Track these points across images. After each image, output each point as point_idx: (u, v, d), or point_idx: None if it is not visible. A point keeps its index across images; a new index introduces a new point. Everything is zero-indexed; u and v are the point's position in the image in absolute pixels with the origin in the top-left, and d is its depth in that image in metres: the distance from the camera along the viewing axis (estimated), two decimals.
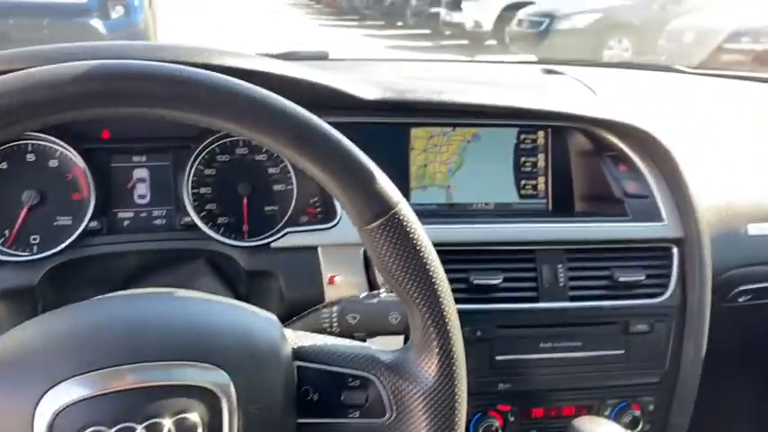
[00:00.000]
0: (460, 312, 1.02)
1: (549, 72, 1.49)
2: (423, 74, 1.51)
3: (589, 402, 1.08)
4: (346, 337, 0.79)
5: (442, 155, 1.15)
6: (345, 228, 0.98)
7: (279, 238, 0.98)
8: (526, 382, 1.05)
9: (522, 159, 1.17)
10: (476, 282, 1.02)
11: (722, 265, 1.14)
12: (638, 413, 1.08)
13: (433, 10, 11.87)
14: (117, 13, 6.75)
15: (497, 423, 1.05)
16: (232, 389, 0.56)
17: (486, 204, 1.16)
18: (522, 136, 1.16)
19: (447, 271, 1.03)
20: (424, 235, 0.62)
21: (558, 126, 1.15)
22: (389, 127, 1.11)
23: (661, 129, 1.13)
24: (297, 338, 0.64)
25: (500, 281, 1.02)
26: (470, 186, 1.16)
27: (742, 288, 1.19)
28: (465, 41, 10.85)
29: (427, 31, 12.17)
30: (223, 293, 0.98)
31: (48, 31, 6.09)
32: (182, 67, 0.55)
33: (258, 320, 0.62)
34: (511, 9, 9.78)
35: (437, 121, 1.13)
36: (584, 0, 9.11)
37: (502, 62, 1.77)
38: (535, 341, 1.04)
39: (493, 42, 10.40)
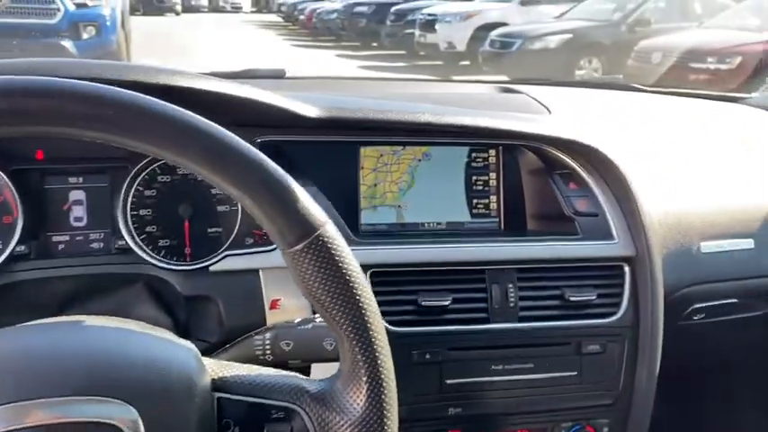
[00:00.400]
0: (409, 335, 1.00)
1: (507, 90, 1.48)
2: (380, 93, 1.50)
3: (542, 426, 1.06)
4: (280, 365, 0.76)
5: (393, 174, 1.13)
6: None
7: (217, 262, 0.95)
8: (477, 405, 1.02)
9: (474, 178, 1.15)
10: (424, 303, 0.99)
11: (675, 283, 1.13)
12: None
13: (408, 31, 11.97)
14: (88, 33, 6.68)
15: None
16: (140, 424, 0.52)
17: (438, 224, 1.14)
18: (474, 154, 1.15)
19: (395, 293, 1.02)
20: (351, 258, 0.60)
21: (509, 144, 1.14)
22: (338, 146, 1.09)
23: (612, 146, 1.13)
24: (218, 369, 0.61)
25: (449, 302, 1.00)
26: (422, 206, 1.14)
27: (696, 306, 1.18)
28: (439, 62, 10.95)
29: (402, 52, 12.25)
30: (161, 319, 0.94)
31: (17, 51, 6.01)
32: (86, 83, 0.52)
33: (173, 350, 0.59)
34: (484, 30, 9.90)
35: (387, 140, 1.11)
36: (556, 21, 9.27)
37: (461, 81, 1.76)
38: (486, 363, 1.02)
39: (467, 63, 10.51)
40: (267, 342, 0.76)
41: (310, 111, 0.95)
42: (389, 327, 0.98)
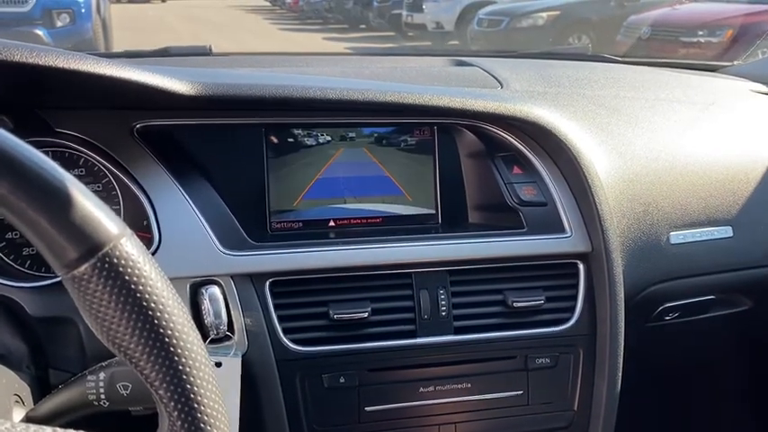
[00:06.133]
0: (319, 356, 0.84)
1: (459, 64, 1.31)
2: (317, 70, 1.32)
3: None
4: (120, 414, 0.60)
5: (308, 162, 0.96)
6: (167, 256, 0.79)
7: None
8: None
9: (405, 164, 0.98)
10: (337, 316, 0.83)
11: (642, 280, 0.98)
12: None
13: (396, 12, 11.74)
14: (62, 21, 6.50)
15: None
16: None
17: (364, 219, 0.97)
18: (404, 136, 0.98)
19: (301, 305, 0.86)
20: (161, 283, 0.43)
21: (445, 123, 0.97)
22: (238, 130, 0.93)
23: (568, 124, 0.96)
24: None
25: (368, 314, 0.84)
26: (343, 198, 0.97)
27: (667, 305, 1.03)
28: (428, 42, 10.73)
29: (390, 34, 12.01)
30: (14, 347, 0.78)
31: None
32: None
33: None
34: (471, 9, 9.69)
35: (299, 122, 0.94)
36: None
37: (413, 54, 1.59)
38: (413, 385, 0.86)
39: (455, 42, 10.30)
40: (101, 384, 0.60)
41: (183, 87, 0.78)
42: (293, 346, 0.82)
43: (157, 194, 0.83)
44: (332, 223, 0.96)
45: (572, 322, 0.90)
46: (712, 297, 1.05)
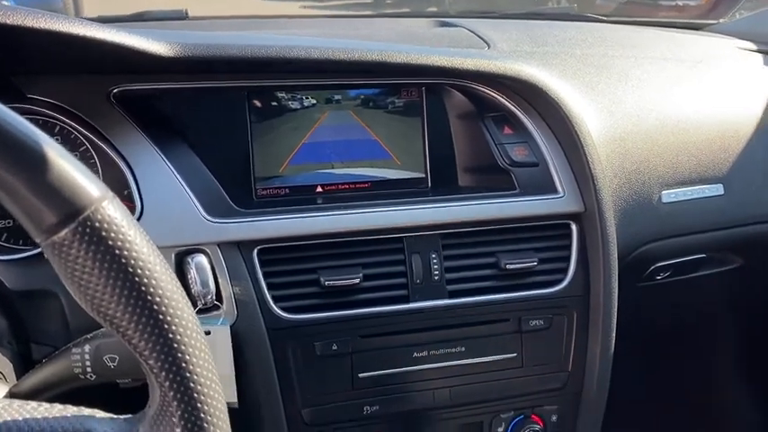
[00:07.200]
0: (310, 323, 0.82)
1: (444, 25, 1.28)
2: (298, 31, 1.28)
3: (478, 419, 0.90)
4: (107, 386, 0.58)
5: (293, 125, 0.93)
6: (150, 225, 0.76)
7: None
8: (399, 401, 0.86)
9: (394, 126, 0.96)
10: (329, 283, 0.81)
11: (634, 239, 0.97)
12: (538, 427, 0.90)
13: None
14: None
15: None
16: None
17: (353, 183, 0.95)
18: (391, 98, 0.96)
19: (291, 272, 0.84)
20: (147, 248, 0.41)
21: (433, 84, 0.95)
22: (219, 94, 0.89)
23: (557, 82, 0.94)
24: None
25: (359, 279, 0.82)
26: (330, 162, 0.95)
27: (659, 264, 1.02)
28: (407, 9, 10.59)
29: (369, 1, 11.85)
30: None
31: None
32: None
33: None
34: None
35: (283, 84, 0.91)
36: None
37: (396, 15, 1.55)
38: (407, 350, 0.85)
39: (434, 9, 10.17)
40: (87, 356, 0.58)
41: (161, 48, 0.74)
42: (284, 314, 0.81)
43: (138, 162, 0.80)
44: (319, 189, 0.93)
45: (565, 283, 0.89)
46: (703, 256, 1.05)
